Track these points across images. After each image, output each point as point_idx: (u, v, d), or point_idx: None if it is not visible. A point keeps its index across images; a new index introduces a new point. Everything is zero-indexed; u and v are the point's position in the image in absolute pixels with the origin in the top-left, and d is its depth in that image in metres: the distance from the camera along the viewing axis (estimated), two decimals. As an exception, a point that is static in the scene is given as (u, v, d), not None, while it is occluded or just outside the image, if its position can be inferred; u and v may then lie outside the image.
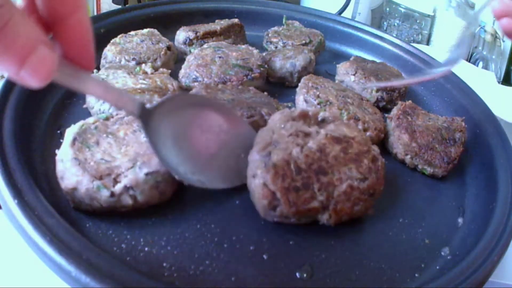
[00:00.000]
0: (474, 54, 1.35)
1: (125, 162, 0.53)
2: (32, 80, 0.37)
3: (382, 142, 0.73)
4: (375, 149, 0.59)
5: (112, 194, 0.51)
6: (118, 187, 0.51)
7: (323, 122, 0.60)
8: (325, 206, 0.53)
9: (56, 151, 0.55)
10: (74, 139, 0.55)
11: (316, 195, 0.53)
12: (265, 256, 0.53)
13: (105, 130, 0.58)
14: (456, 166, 0.70)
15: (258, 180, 0.53)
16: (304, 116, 0.60)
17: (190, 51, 0.86)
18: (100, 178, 0.52)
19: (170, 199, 0.56)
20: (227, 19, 0.95)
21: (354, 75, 0.84)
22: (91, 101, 0.66)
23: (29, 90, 0.65)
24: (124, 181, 0.52)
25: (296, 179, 0.53)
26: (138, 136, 0.57)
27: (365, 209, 0.56)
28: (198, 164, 0.56)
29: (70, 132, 0.56)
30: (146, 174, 0.52)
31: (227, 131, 0.59)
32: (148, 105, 0.53)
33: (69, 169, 0.52)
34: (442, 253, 0.58)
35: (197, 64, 0.77)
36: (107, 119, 0.59)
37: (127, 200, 0.52)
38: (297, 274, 0.52)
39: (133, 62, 0.77)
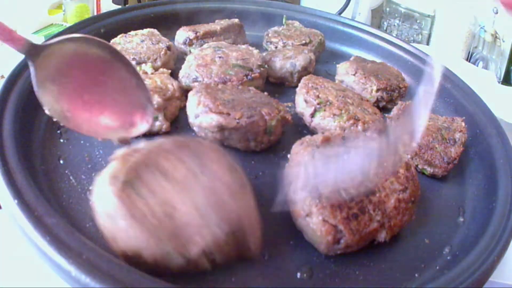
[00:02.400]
0: (474, 54, 1.35)
1: (195, 218, 0.43)
2: None
3: (382, 142, 0.73)
4: (404, 155, 0.60)
5: (188, 261, 0.43)
6: (194, 252, 0.42)
7: (346, 140, 0.60)
8: (382, 224, 0.53)
9: (91, 187, 0.48)
10: (123, 185, 0.43)
11: (372, 216, 0.53)
12: (265, 256, 0.53)
13: (158, 170, 0.46)
14: (456, 166, 0.70)
15: (316, 218, 0.51)
16: (327, 140, 0.59)
17: (190, 51, 0.86)
18: (168, 240, 0.42)
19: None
20: (227, 19, 0.95)
21: (354, 75, 0.84)
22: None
23: (29, 90, 0.65)
24: (200, 243, 0.42)
25: (351, 206, 0.52)
26: (201, 179, 0.46)
27: (410, 217, 0.57)
28: (77, 107, 0.50)
29: (111, 171, 0.45)
30: (227, 233, 0.44)
31: (112, 82, 0.52)
32: (39, 43, 0.48)
33: (125, 230, 0.42)
34: (442, 253, 0.58)
35: (197, 64, 0.77)
36: (155, 148, 0.48)
37: (205, 264, 0.44)
38: (297, 274, 0.52)
39: (133, 62, 0.77)
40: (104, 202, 0.44)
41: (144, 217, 0.42)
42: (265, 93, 0.74)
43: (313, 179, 0.54)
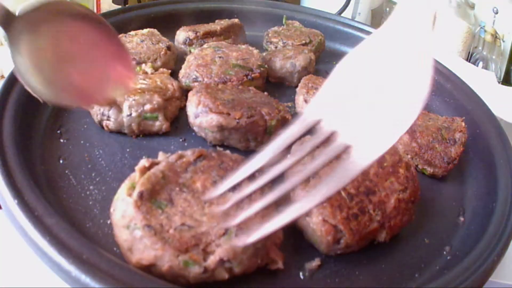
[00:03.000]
0: (474, 54, 1.35)
1: (214, 227, 0.44)
2: None
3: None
4: (404, 155, 0.60)
5: (205, 270, 0.42)
6: (211, 261, 0.42)
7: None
8: (382, 225, 0.53)
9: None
10: (141, 196, 0.44)
11: (372, 216, 0.53)
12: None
13: (176, 181, 0.47)
14: (456, 166, 0.70)
15: (316, 218, 0.51)
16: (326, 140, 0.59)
17: (190, 51, 0.86)
18: (186, 250, 0.42)
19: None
20: (227, 19, 0.95)
21: (354, 75, 0.84)
22: (91, 101, 0.66)
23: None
24: (218, 253, 0.42)
25: (351, 206, 0.52)
26: (221, 189, 0.47)
27: (410, 217, 0.56)
28: (54, 76, 0.48)
29: (130, 183, 0.45)
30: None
31: (91, 48, 0.50)
32: (15, 12, 0.45)
33: (141, 240, 0.42)
34: (442, 253, 0.58)
35: (197, 64, 0.77)
36: (174, 161, 0.48)
37: (223, 274, 0.43)
38: (297, 274, 0.52)
39: (133, 62, 0.77)
40: (122, 212, 0.44)
41: (161, 227, 0.43)
42: (265, 93, 0.74)
43: (313, 179, 0.54)
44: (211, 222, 0.44)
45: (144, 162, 0.49)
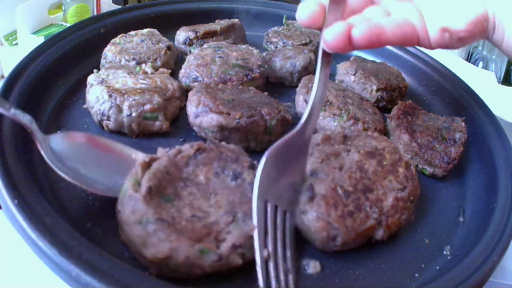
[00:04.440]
0: (474, 54, 1.35)
1: (222, 216, 0.45)
2: None
3: (382, 142, 0.73)
4: (404, 155, 0.60)
5: (220, 257, 0.43)
6: (225, 248, 0.43)
7: (347, 139, 0.60)
8: (379, 222, 0.53)
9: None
10: (149, 191, 0.45)
11: (369, 213, 0.53)
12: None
13: (180, 176, 0.48)
14: (456, 166, 0.70)
15: (311, 215, 0.51)
16: (327, 139, 0.59)
17: (190, 51, 0.86)
18: (199, 240, 0.43)
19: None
20: (227, 19, 0.95)
21: (354, 75, 0.84)
22: (91, 101, 0.66)
23: (29, 90, 0.65)
24: (229, 239, 0.44)
25: (347, 203, 0.52)
26: (223, 180, 0.49)
27: (409, 216, 0.56)
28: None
29: (134, 179, 0.46)
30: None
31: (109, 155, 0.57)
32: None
33: (156, 234, 0.43)
34: (442, 253, 0.58)
35: (197, 64, 0.77)
36: (174, 156, 0.50)
37: (236, 260, 0.44)
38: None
39: (133, 62, 0.77)
40: (131, 209, 0.45)
41: (173, 219, 0.44)
42: (265, 93, 0.74)
43: (310, 177, 0.54)
44: (219, 212, 0.46)
45: (144, 157, 0.50)
